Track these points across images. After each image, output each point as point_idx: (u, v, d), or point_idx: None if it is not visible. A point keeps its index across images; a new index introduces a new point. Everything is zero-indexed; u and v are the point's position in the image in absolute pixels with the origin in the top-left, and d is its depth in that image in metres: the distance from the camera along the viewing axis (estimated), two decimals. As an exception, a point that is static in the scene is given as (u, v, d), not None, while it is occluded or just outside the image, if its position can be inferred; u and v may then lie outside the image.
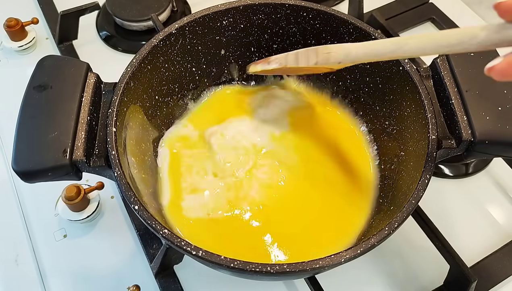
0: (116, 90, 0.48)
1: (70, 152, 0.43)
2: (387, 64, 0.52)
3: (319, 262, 0.40)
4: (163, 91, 0.56)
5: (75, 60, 0.49)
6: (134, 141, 0.51)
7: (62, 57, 0.48)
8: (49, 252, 0.59)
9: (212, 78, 0.61)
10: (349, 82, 0.59)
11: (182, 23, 0.53)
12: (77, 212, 0.61)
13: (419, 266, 0.57)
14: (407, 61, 0.50)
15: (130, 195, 0.43)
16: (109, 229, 0.61)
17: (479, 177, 0.64)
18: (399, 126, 0.53)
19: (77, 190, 0.59)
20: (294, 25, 0.57)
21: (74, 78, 0.47)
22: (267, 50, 0.59)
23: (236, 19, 0.56)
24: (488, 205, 0.62)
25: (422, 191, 0.44)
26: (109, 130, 0.46)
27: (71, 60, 0.48)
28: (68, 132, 0.44)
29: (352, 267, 0.51)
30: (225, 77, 0.62)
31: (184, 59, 0.56)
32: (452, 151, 0.47)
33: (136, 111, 0.52)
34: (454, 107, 0.47)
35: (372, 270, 0.57)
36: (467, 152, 0.46)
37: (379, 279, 0.56)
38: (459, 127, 0.46)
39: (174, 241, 0.41)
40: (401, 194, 0.48)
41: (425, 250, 0.56)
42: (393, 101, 0.54)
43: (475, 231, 0.60)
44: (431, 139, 0.46)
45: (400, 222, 0.42)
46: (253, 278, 0.45)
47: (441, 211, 0.61)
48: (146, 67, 0.51)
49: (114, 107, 0.47)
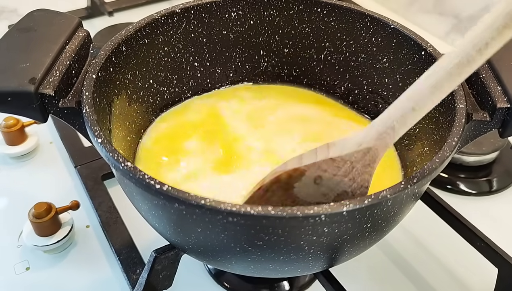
0: (105, 46, 0.46)
1: (38, 82, 0.41)
2: (408, 55, 0.50)
3: (314, 208, 0.33)
4: (159, 78, 0.54)
5: (67, 15, 0.48)
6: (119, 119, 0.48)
7: (53, 11, 0.48)
8: (5, 288, 0.53)
9: (215, 80, 0.59)
10: (366, 88, 0.56)
11: (188, 5, 0.53)
12: (45, 237, 0.56)
13: (462, 275, 0.55)
14: (429, 44, 0.48)
15: (96, 129, 0.38)
16: (82, 260, 0.56)
17: (505, 195, 0.62)
18: (423, 121, 0.47)
19: (47, 207, 0.55)
20: (307, 25, 0.56)
21: (61, 27, 0.46)
22: (277, 54, 0.58)
23: (246, 12, 0.55)
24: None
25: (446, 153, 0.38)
26: (88, 76, 0.43)
27: (62, 14, 0.48)
28: (41, 66, 0.42)
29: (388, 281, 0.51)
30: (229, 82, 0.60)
31: (186, 49, 0.55)
32: (485, 125, 0.43)
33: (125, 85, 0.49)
34: (485, 80, 0.44)
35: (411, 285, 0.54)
36: (504, 123, 0.42)
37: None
38: (492, 98, 0.42)
39: (137, 174, 0.35)
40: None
41: (463, 255, 0.55)
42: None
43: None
44: (458, 109, 0.41)
45: (420, 178, 0.36)
46: (227, 229, 0.37)
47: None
48: (142, 40, 0.50)
49: (99, 59, 0.45)
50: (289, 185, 0.40)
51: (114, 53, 0.47)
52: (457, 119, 0.41)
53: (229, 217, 0.33)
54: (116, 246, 0.56)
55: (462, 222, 0.53)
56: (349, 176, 0.38)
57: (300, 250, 0.37)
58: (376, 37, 0.53)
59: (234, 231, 0.36)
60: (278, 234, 0.35)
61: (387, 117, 0.36)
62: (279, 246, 0.36)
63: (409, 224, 0.59)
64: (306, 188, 0.40)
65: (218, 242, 0.37)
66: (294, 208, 0.33)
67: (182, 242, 0.41)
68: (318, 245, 0.37)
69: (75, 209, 0.57)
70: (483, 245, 0.50)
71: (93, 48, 0.48)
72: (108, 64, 0.46)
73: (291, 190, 0.40)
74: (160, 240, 0.45)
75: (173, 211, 0.36)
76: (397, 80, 0.52)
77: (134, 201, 0.42)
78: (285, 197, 0.41)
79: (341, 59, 0.57)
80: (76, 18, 0.48)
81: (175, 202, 0.34)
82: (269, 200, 0.40)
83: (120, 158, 0.36)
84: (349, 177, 0.38)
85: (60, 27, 0.46)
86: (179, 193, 0.34)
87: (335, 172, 0.38)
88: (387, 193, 0.34)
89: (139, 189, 0.36)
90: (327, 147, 0.38)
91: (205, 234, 0.37)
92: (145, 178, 0.35)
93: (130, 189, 0.40)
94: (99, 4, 0.94)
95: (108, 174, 0.64)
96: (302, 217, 0.33)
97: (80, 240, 0.58)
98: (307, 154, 0.39)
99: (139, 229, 0.56)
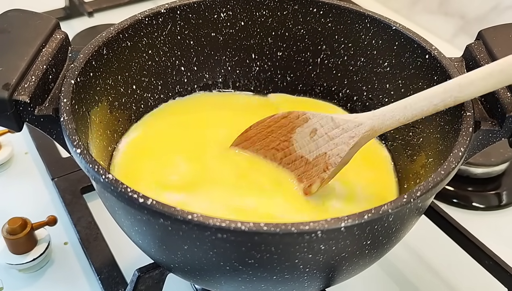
0: (85, 50, 0.47)
1: (12, 88, 0.41)
2: (411, 58, 0.51)
3: (310, 224, 0.33)
4: (143, 83, 0.54)
5: (44, 15, 0.48)
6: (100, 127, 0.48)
7: (29, 11, 0.48)
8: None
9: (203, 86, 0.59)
10: (365, 94, 0.56)
11: (174, 5, 0.53)
12: (20, 255, 0.56)
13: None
14: (434, 48, 0.49)
15: (74, 139, 0.38)
16: (60, 280, 0.56)
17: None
18: (427, 130, 0.49)
19: (22, 222, 0.56)
20: (303, 26, 0.56)
21: (37, 29, 0.47)
22: (270, 58, 0.58)
23: (236, 13, 0.56)
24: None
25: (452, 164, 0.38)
26: (66, 81, 0.43)
27: (39, 14, 0.48)
28: (16, 71, 0.42)
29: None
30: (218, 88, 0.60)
31: (172, 52, 0.55)
32: (494, 134, 0.43)
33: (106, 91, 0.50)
34: None
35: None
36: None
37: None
38: (501, 105, 0.43)
39: (119, 187, 0.35)
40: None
41: (471, 275, 0.55)
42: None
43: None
44: (465, 117, 0.42)
45: (424, 191, 0.36)
46: (216, 246, 0.37)
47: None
48: (125, 42, 0.50)
49: (78, 63, 0.45)
50: (293, 127, 0.50)
51: (94, 56, 0.47)
52: (464, 128, 0.41)
53: (218, 233, 0.33)
54: (96, 264, 0.56)
55: (470, 239, 0.53)
56: (334, 140, 0.47)
57: (295, 269, 0.37)
58: (376, 39, 0.54)
59: (224, 249, 0.36)
60: (271, 252, 0.35)
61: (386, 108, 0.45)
62: (272, 264, 0.36)
63: (412, 241, 0.60)
64: (302, 137, 0.49)
65: (206, 260, 0.37)
66: (288, 224, 0.33)
67: (167, 260, 0.41)
68: (314, 263, 0.37)
69: (52, 225, 0.57)
70: (492, 264, 0.51)
71: (71, 51, 0.48)
72: (88, 69, 0.46)
73: (291, 133, 0.50)
74: (143, 258, 0.45)
75: (157, 226, 0.36)
76: (399, 86, 0.53)
77: (116, 216, 0.42)
78: (284, 138, 0.50)
79: (339, 63, 0.57)
80: (54, 19, 0.48)
81: (160, 217, 0.34)
82: (267, 136, 0.51)
83: (100, 169, 0.36)
84: (334, 141, 0.47)
85: (36, 28, 0.46)
86: (164, 207, 0.34)
87: (328, 131, 0.47)
88: (389, 208, 0.35)
89: (121, 203, 0.36)
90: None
91: (192, 251, 0.37)
92: (128, 191, 0.35)
93: (111, 203, 0.40)
94: (78, 3, 0.94)
95: (88, 187, 0.64)
96: (297, 233, 0.33)
97: (58, 258, 0.58)
98: (313, 112, 0.49)
99: (121, 246, 0.57)
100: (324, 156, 0.47)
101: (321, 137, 0.48)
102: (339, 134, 0.46)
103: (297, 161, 0.50)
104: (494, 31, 0.49)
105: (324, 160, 0.47)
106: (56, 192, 0.64)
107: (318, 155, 0.48)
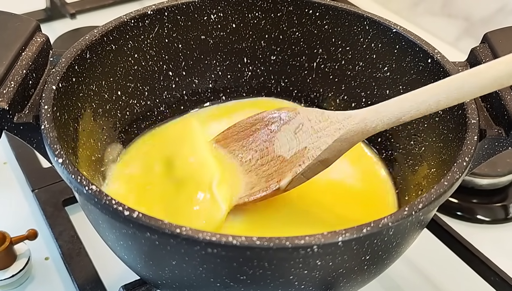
0: (67, 53, 0.47)
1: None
2: (412, 63, 0.51)
3: (305, 238, 0.33)
4: (129, 89, 0.54)
5: (23, 17, 0.48)
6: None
7: (8, 13, 0.48)
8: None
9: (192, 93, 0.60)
10: (364, 101, 0.56)
11: (162, 6, 0.53)
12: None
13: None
14: (437, 51, 0.49)
15: (56, 147, 0.39)
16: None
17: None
18: (429, 138, 0.50)
19: (0, 236, 0.56)
20: (298, 28, 0.57)
21: (16, 32, 0.47)
22: (263, 63, 0.59)
23: (227, 15, 0.56)
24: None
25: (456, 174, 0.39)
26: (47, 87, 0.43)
27: (18, 16, 0.48)
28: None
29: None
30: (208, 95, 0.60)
31: (159, 56, 0.55)
32: (501, 142, 0.44)
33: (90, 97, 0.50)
34: (500, 92, 0.44)
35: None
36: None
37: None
38: (508, 112, 0.43)
39: (103, 199, 0.35)
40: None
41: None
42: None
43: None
44: (469, 124, 0.42)
45: (426, 203, 0.36)
46: (206, 261, 0.37)
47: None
48: (109, 45, 0.51)
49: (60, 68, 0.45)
50: (279, 126, 0.50)
51: (77, 61, 0.47)
52: (469, 136, 0.42)
53: (208, 248, 0.34)
54: (79, 280, 0.56)
55: (474, 254, 0.53)
56: (319, 133, 0.46)
57: (289, 286, 0.38)
58: (376, 42, 0.54)
59: (214, 264, 0.36)
60: (264, 268, 0.35)
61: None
62: (265, 280, 0.37)
63: (414, 256, 0.60)
64: (285, 135, 0.49)
65: (196, 276, 0.38)
66: (282, 238, 0.33)
67: (154, 276, 0.42)
68: (309, 280, 0.37)
69: (32, 239, 0.57)
70: (498, 280, 0.51)
71: (53, 55, 0.48)
72: (70, 74, 0.46)
73: (275, 133, 0.50)
74: (129, 274, 0.45)
75: (144, 241, 0.37)
76: (400, 92, 0.52)
77: (100, 229, 0.42)
78: (265, 137, 0.50)
79: (336, 68, 0.57)
80: (34, 21, 0.48)
81: (147, 231, 0.34)
82: (249, 135, 0.51)
83: (83, 180, 0.37)
84: (318, 134, 0.46)
85: (15, 31, 0.46)
86: (151, 220, 0.34)
87: (314, 125, 0.46)
88: (389, 221, 0.35)
89: (105, 215, 0.36)
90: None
91: (181, 267, 0.37)
92: (112, 203, 0.35)
93: (95, 216, 0.40)
94: (59, 5, 0.94)
95: (70, 199, 0.64)
96: (292, 248, 0.33)
97: (38, 274, 0.58)
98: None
99: (106, 262, 0.56)
100: (304, 151, 0.46)
101: (305, 132, 0.47)
102: (325, 127, 0.46)
103: (272, 161, 0.49)
104: (501, 34, 0.50)
105: (302, 154, 0.46)
106: (37, 204, 0.64)
107: (298, 150, 0.47)
